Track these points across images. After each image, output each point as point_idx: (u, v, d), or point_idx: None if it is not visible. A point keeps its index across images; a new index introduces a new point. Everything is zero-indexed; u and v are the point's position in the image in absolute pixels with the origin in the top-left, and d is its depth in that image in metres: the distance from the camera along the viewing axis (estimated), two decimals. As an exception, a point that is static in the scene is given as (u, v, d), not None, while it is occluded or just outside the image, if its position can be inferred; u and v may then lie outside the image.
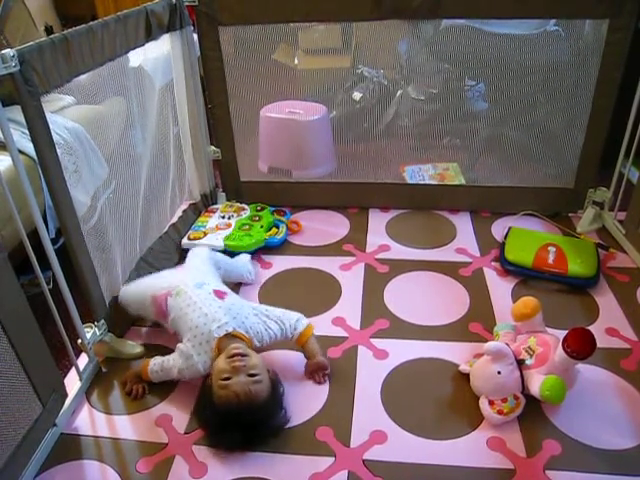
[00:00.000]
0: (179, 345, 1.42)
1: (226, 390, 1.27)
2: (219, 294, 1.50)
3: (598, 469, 1.22)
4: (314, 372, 1.49)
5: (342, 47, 2.15)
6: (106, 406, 1.45)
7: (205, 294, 1.48)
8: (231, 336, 1.40)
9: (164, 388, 1.48)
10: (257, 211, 2.22)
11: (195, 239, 2.05)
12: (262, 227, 2.09)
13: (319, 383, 1.47)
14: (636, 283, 1.81)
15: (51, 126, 1.29)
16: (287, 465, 1.27)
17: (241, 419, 1.27)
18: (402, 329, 1.66)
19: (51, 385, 1.32)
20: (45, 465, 1.29)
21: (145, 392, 1.47)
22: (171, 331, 1.53)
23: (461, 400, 1.41)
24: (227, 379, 1.29)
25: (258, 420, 1.29)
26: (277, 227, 2.13)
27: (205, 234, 2.07)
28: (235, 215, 2.20)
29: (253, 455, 1.29)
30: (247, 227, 2.10)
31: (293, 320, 1.50)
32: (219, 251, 1.94)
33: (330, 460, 1.27)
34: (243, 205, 2.27)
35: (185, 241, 2.06)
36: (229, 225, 2.12)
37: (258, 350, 1.43)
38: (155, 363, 1.46)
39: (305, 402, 1.42)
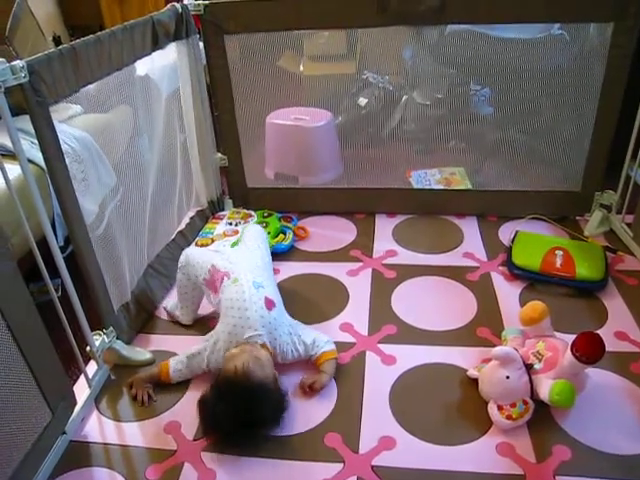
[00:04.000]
0: (217, 328, 1.51)
1: (231, 361, 1.36)
2: (268, 304, 1.52)
3: (609, 474, 1.22)
4: (310, 383, 1.47)
5: (347, 53, 2.16)
6: (115, 413, 1.45)
7: (256, 298, 1.51)
8: (258, 345, 1.44)
9: (172, 395, 1.48)
10: (264, 217, 2.23)
11: (203, 246, 2.05)
12: (269, 233, 2.10)
13: (303, 391, 1.47)
14: (645, 286, 1.80)
15: (59, 135, 1.30)
16: (296, 471, 1.27)
17: (236, 389, 1.31)
18: (410, 334, 1.65)
19: (60, 393, 1.33)
20: (55, 472, 1.29)
21: (151, 398, 1.48)
22: (213, 306, 1.63)
23: (470, 405, 1.40)
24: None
25: (252, 395, 1.30)
26: (284, 233, 2.14)
27: (213, 241, 2.08)
28: (242, 222, 2.20)
29: (261, 461, 1.29)
30: (254, 233, 2.10)
31: (322, 342, 1.53)
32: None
33: (339, 466, 1.27)
34: (250, 212, 2.27)
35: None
36: (236, 232, 2.12)
37: (279, 366, 1.47)
38: (178, 361, 1.49)
39: (313, 408, 1.42)
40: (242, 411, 1.28)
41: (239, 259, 1.64)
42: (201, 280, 1.62)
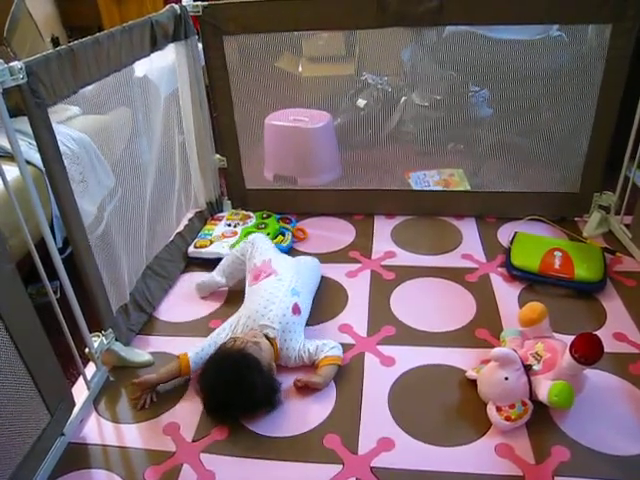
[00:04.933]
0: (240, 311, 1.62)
1: (231, 339, 1.47)
2: (295, 309, 1.59)
3: (608, 475, 1.22)
4: (299, 379, 1.47)
5: (346, 54, 2.16)
6: (114, 415, 1.45)
7: (287, 300, 1.59)
8: (266, 338, 1.50)
9: (171, 396, 1.48)
10: (263, 219, 2.23)
11: (201, 247, 2.05)
12: (268, 235, 2.09)
13: (295, 385, 1.48)
14: (643, 287, 1.80)
15: (58, 136, 1.30)
16: (295, 473, 1.26)
17: (228, 357, 1.39)
18: (408, 336, 1.65)
19: (59, 394, 1.33)
20: (53, 474, 1.29)
21: (152, 400, 1.47)
22: (246, 288, 1.71)
23: (468, 406, 1.40)
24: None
25: (241, 362, 1.36)
26: (283, 235, 2.14)
27: (211, 242, 2.08)
28: (241, 223, 2.20)
29: (260, 462, 1.29)
30: (253, 235, 2.10)
31: (326, 348, 1.53)
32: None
33: (338, 468, 1.27)
34: (249, 213, 2.27)
35: (191, 249, 2.07)
36: (235, 233, 2.12)
37: (280, 367, 1.50)
38: (197, 352, 1.50)
39: (312, 409, 1.42)
40: (231, 379, 1.33)
41: (292, 267, 1.72)
42: (252, 263, 1.75)
